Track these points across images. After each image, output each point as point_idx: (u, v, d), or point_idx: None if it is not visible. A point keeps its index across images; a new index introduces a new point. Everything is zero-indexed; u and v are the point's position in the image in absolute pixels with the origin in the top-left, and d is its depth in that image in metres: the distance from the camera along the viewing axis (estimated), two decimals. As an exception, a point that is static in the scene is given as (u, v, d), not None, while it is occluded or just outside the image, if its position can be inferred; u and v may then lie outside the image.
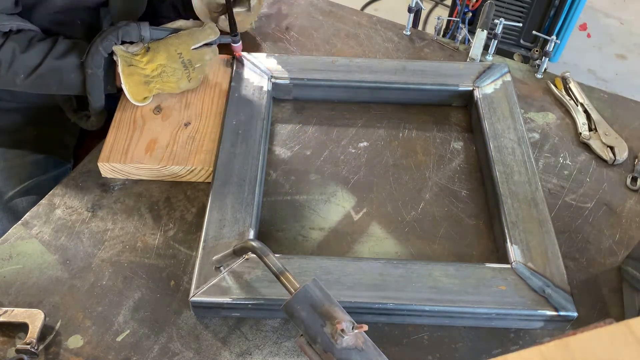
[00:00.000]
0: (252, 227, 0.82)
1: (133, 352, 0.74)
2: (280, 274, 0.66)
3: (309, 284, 0.62)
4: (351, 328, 0.59)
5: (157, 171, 0.91)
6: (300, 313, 0.61)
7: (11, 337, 0.75)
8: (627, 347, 0.35)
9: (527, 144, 0.93)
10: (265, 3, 1.28)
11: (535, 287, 0.76)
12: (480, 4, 1.69)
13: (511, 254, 0.80)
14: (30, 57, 0.90)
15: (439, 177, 0.95)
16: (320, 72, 1.04)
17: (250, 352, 0.74)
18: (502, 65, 1.06)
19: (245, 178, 0.87)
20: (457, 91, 1.03)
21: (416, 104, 1.06)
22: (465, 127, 1.03)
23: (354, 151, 0.98)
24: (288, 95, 1.05)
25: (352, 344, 0.59)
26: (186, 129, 0.96)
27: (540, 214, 0.84)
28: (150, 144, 0.93)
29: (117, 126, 0.95)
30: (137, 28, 0.91)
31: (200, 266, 0.77)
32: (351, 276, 0.77)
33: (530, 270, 0.77)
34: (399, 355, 0.75)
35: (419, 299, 0.75)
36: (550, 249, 0.80)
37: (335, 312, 0.61)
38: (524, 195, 0.86)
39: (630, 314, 0.78)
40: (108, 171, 0.92)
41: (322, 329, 0.60)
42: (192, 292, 0.75)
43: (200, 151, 0.92)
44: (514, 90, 1.02)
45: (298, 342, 0.61)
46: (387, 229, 0.88)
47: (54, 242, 0.85)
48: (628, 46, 2.67)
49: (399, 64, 1.06)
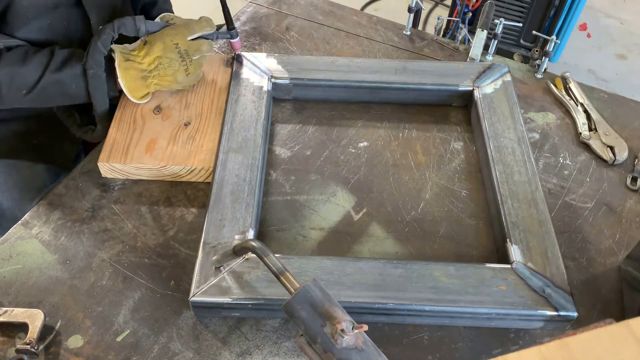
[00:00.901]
0: (252, 227, 0.82)
1: (133, 352, 0.74)
2: (281, 274, 0.65)
3: (309, 284, 0.62)
4: (351, 328, 0.59)
5: (157, 171, 0.91)
6: (300, 313, 0.61)
7: (11, 337, 0.75)
8: (627, 347, 0.35)
9: (527, 143, 0.93)
10: (265, 3, 1.28)
11: (535, 287, 0.76)
12: (480, 4, 1.69)
13: (511, 254, 0.79)
14: (28, 72, 0.88)
15: (439, 177, 0.95)
16: (320, 72, 1.04)
17: (250, 352, 0.74)
18: (502, 65, 1.06)
19: (245, 178, 0.87)
20: (457, 91, 1.03)
21: (416, 104, 1.06)
22: (465, 127, 1.03)
23: (354, 151, 0.98)
24: (288, 95, 1.05)
25: (352, 344, 0.59)
26: (186, 129, 0.96)
27: (540, 214, 0.84)
28: (150, 144, 0.93)
29: (117, 126, 0.95)
30: (132, 21, 0.91)
31: (200, 266, 0.77)
32: (351, 276, 0.77)
33: (530, 270, 0.77)
34: (399, 355, 0.75)
35: (418, 299, 0.75)
36: (550, 249, 0.80)
37: (335, 312, 0.61)
38: (524, 195, 0.86)
39: (630, 314, 0.78)
40: (108, 171, 0.92)
41: (322, 329, 0.60)
42: (192, 292, 0.75)
43: (200, 151, 0.92)
44: (514, 90, 1.02)
45: (298, 342, 0.61)
46: (387, 229, 0.88)
47: (54, 242, 0.85)
48: (628, 46, 2.67)
49: (399, 64, 1.06)
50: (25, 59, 0.89)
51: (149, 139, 0.94)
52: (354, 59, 1.07)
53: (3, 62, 0.87)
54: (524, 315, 0.75)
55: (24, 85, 0.89)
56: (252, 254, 0.73)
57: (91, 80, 0.90)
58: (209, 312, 0.77)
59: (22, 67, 0.88)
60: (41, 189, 1.05)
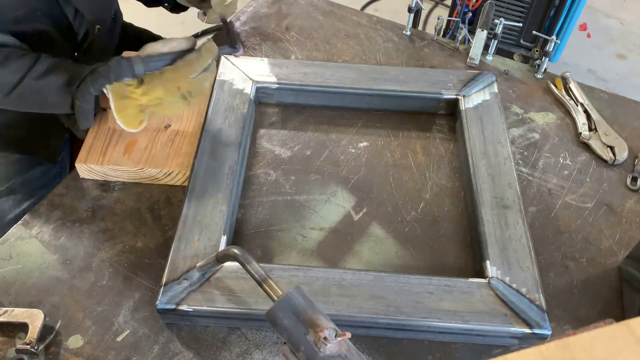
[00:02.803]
0: (225, 233, 0.81)
1: (133, 352, 0.74)
2: (263, 281, 0.64)
3: (291, 291, 0.61)
4: (334, 336, 0.57)
5: (134, 173, 0.91)
6: (283, 321, 0.59)
7: (11, 337, 0.75)
8: (627, 347, 0.35)
9: (510, 158, 0.90)
10: (265, 3, 1.28)
11: (509, 304, 0.74)
12: (480, 4, 1.69)
13: (488, 268, 0.78)
14: (8, 74, 0.84)
15: (439, 177, 0.95)
16: (305, 77, 1.02)
17: (250, 352, 0.74)
18: (490, 74, 1.04)
19: (222, 182, 0.86)
20: (441, 99, 1.02)
21: (399, 112, 1.04)
22: (451, 136, 1.02)
23: (354, 151, 0.98)
24: (272, 100, 1.04)
25: (336, 352, 0.57)
26: (166, 131, 0.95)
27: (518, 230, 0.81)
28: (129, 146, 0.93)
29: (98, 126, 0.95)
30: (128, 66, 0.83)
31: (169, 272, 0.76)
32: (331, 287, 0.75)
33: (506, 286, 0.75)
34: (399, 355, 0.75)
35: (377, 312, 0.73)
36: (527, 264, 0.78)
37: (319, 319, 0.59)
38: (504, 214, 0.83)
39: (630, 314, 0.78)
40: (86, 172, 0.91)
41: (305, 337, 0.58)
42: (159, 299, 0.73)
43: (178, 154, 0.92)
44: (499, 102, 0.99)
45: (281, 349, 0.60)
46: (387, 229, 0.88)
47: (54, 242, 0.85)
48: (628, 46, 2.67)
49: (396, 70, 1.05)
50: (6, 60, 0.85)
51: (128, 140, 0.93)
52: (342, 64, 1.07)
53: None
54: (496, 332, 0.73)
55: (1, 87, 0.85)
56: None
57: (78, 107, 0.86)
58: (179, 320, 0.76)
59: (1, 68, 0.84)
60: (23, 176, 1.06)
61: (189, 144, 0.93)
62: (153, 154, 0.92)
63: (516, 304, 0.74)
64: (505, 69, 1.14)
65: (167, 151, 0.92)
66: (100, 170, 0.91)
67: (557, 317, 0.79)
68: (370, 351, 0.75)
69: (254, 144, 0.99)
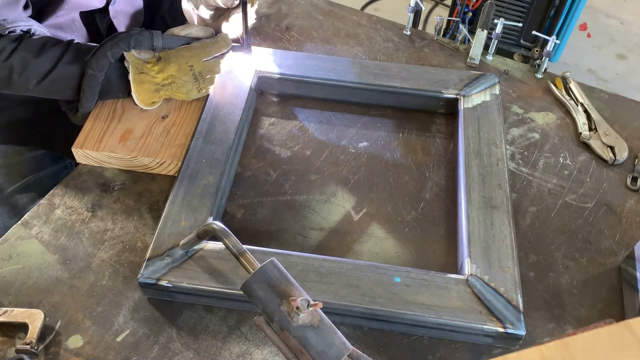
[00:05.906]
0: (211, 215, 0.82)
1: (133, 352, 0.74)
2: (240, 254, 0.66)
3: (266, 263, 0.63)
4: (306, 306, 0.59)
5: (128, 161, 0.92)
6: (258, 292, 0.61)
7: (11, 337, 0.75)
8: (627, 347, 0.35)
9: (504, 159, 0.91)
10: (265, 3, 1.28)
11: (485, 302, 0.74)
12: (480, 4, 1.69)
13: (467, 266, 0.78)
14: (42, 62, 0.88)
15: (439, 177, 0.95)
16: (307, 69, 1.03)
17: (250, 352, 0.74)
18: (493, 75, 1.04)
19: (215, 165, 0.88)
20: (441, 98, 1.02)
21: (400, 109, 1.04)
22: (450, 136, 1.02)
23: (354, 151, 0.98)
24: (272, 89, 1.05)
25: (308, 322, 0.59)
26: (163, 121, 0.96)
27: (503, 230, 0.81)
28: (126, 134, 0.94)
29: (97, 113, 0.97)
30: (149, 37, 0.89)
31: (154, 248, 0.78)
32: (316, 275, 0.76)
33: (484, 285, 0.75)
34: (399, 355, 0.75)
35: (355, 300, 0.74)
36: (508, 264, 0.78)
37: (292, 290, 0.61)
38: (491, 214, 0.83)
39: (630, 314, 0.78)
40: (82, 157, 0.93)
41: (279, 308, 0.60)
42: (140, 273, 0.76)
43: (172, 145, 0.93)
44: (499, 104, 0.99)
45: (257, 321, 0.62)
46: (387, 229, 0.88)
47: (54, 242, 0.85)
48: (628, 46, 2.67)
49: (398, 67, 1.05)
50: (42, 49, 0.88)
51: (125, 128, 0.95)
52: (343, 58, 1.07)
53: (21, 47, 0.87)
54: (470, 329, 0.73)
55: (36, 75, 0.89)
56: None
57: (87, 78, 0.89)
58: (160, 294, 0.78)
59: (37, 57, 0.88)
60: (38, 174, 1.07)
61: (183, 135, 0.94)
62: (147, 144, 0.93)
63: (492, 302, 0.74)
64: (505, 69, 1.14)
65: (162, 141, 0.93)
66: (96, 156, 0.92)
67: (557, 317, 0.79)
68: (370, 351, 0.75)
69: (254, 143, 0.99)
